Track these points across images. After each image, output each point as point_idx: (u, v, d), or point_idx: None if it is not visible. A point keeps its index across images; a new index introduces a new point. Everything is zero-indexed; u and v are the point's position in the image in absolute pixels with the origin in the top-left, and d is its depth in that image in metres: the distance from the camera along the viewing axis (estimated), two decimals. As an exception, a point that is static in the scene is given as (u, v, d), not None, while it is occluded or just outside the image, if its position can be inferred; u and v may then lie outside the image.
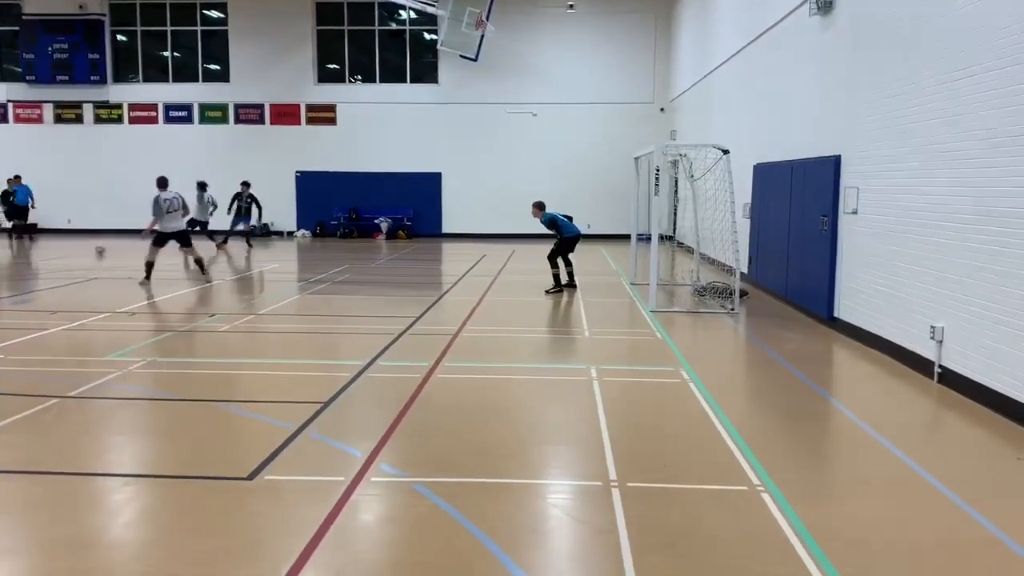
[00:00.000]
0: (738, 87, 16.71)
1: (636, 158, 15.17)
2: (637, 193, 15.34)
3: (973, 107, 7.28)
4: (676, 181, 19.93)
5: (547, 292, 13.69)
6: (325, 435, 6.03)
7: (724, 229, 12.51)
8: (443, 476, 5.22)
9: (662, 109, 26.36)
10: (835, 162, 10.62)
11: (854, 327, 9.99)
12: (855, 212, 10.03)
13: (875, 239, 9.44)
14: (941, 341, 7.73)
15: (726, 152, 11.78)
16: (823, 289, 10.88)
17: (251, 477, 5.14)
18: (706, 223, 13.54)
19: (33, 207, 24.57)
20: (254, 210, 21.63)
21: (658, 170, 11.58)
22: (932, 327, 7.83)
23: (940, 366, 7.76)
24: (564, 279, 14.05)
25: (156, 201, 13.85)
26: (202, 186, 20.41)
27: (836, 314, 10.64)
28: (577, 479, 5.24)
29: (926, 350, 8.04)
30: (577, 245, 14.29)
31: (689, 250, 16.89)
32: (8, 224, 22.75)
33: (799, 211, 12.03)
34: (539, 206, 14.16)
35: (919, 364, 8.18)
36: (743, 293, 12.35)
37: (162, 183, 14.06)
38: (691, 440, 6.04)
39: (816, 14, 11.28)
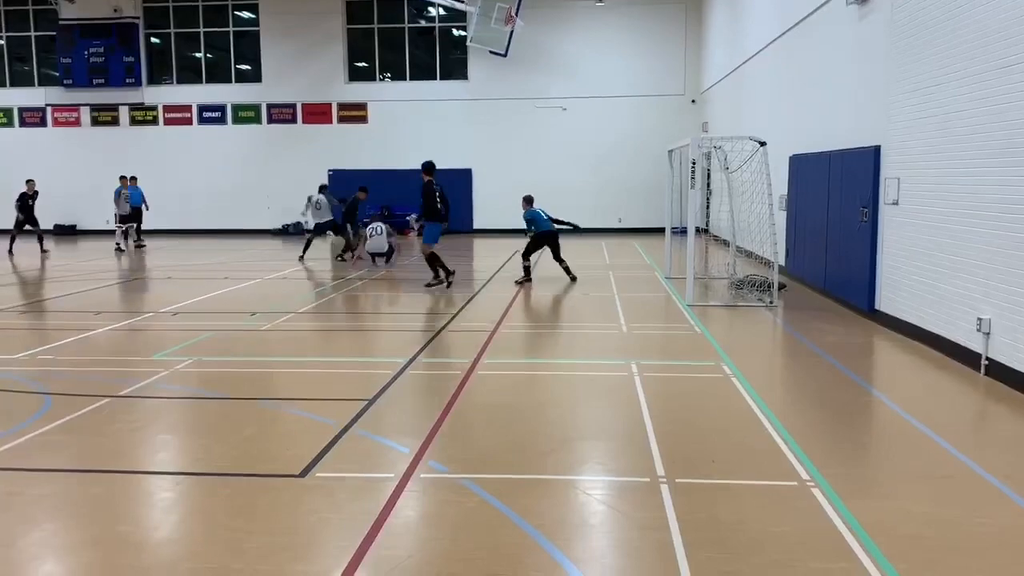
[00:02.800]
0: (772, 77, 16.55)
1: (670, 151, 15.09)
2: (671, 186, 15.26)
3: (1018, 96, 7.16)
4: (708, 173, 19.80)
5: (516, 282, 14.40)
6: (372, 432, 6.10)
7: (761, 221, 12.41)
8: (490, 472, 5.26)
9: (693, 101, 26.18)
10: (875, 152, 10.49)
11: (896, 319, 9.88)
12: (896, 203, 9.90)
13: (917, 230, 9.32)
14: (988, 333, 7.62)
15: (763, 144, 11.68)
16: (864, 281, 10.76)
17: (303, 474, 5.21)
18: (742, 215, 13.44)
19: (147, 209, 24.26)
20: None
21: (693, 163, 11.52)
22: (979, 319, 7.72)
23: (987, 358, 7.66)
24: (573, 275, 14.75)
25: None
26: (322, 189, 19.98)
27: (877, 306, 10.52)
28: (624, 475, 5.25)
29: (972, 342, 7.93)
30: (560, 240, 14.93)
31: (724, 243, 16.79)
32: (122, 225, 22.76)
33: (838, 202, 11.90)
34: (528, 200, 14.96)
35: (965, 356, 8.07)
36: (781, 286, 12.25)
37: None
38: (737, 435, 6.02)
39: (853, 3, 11.15)
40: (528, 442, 5.95)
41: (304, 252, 18.90)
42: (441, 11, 26.83)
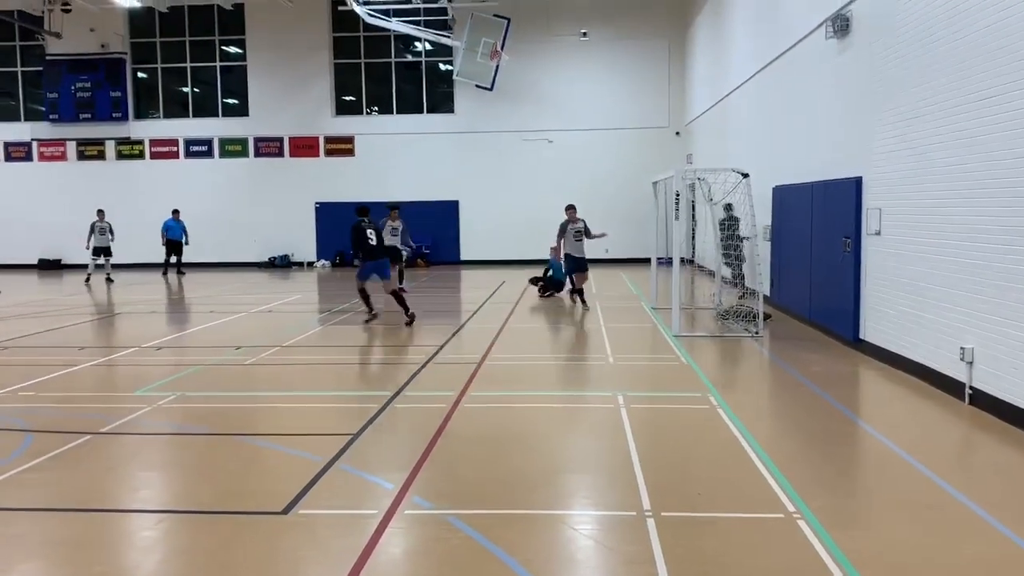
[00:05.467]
0: (755, 110, 16.76)
1: (655, 183, 15.21)
2: (656, 217, 15.36)
3: (996, 127, 7.28)
4: (693, 204, 19.95)
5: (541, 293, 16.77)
6: (356, 467, 6.05)
7: (746, 252, 12.48)
8: (475, 508, 5.22)
9: (677, 133, 26.44)
10: (856, 183, 10.60)
11: (881, 349, 9.92)
12: (879, 233, 9.99)
13: (900, 260, 9.40)
14: (971, 362, 7.66)
15: (746, 175, 11.79)
16: (848, 311, 10.82)
17: (286, 511, 5.16)
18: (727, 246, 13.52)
19: (187, 243, 24.53)
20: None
21: (678, 195, 11.60)
22: (962, 348, 7.77)
23: (971, 387, 7.69)
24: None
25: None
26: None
27: (862, 336, 10.57)
28: (611, 509, 5.22)
29: (956, 371, 7.97)
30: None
31: (709, 273, 16.86)
32: (96, 258, 22.82)
33: (821, 232, 12.00)
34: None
35: (949, 386, 8.11)
36: (767, 316, 12.29)
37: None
38: (724, 467, 6.01)
39: (832, 37, 11.33)
40: (514, 476, 5.91)
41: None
42: (427, 46, 27.09)
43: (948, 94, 8.19)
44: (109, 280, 22.46)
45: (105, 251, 22.97)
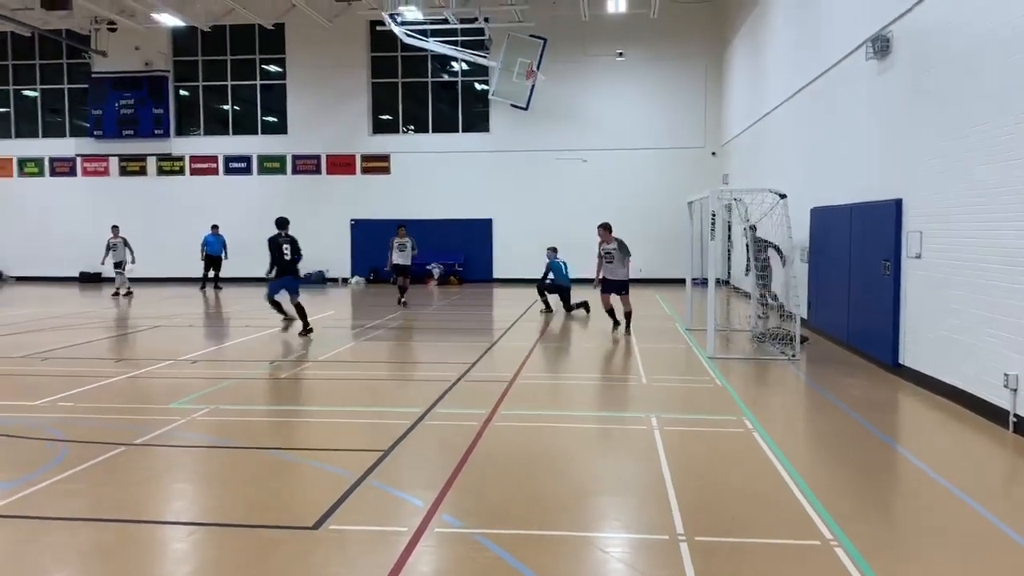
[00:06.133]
0: (792, 131, 16.61)
1: (690, 203, 15.11)
2: (691, 238, 15.24)
3: (1042, 149, 7.13)
4: (729, 225, 19.78)
5: (541, 311, 17.46)
6: (387, 484, 6.03)
7: (784, 273, 12.33)
8: (505, 528, 5.17)
9: (713, 153, 26.30)
10: (896, 206, 10.44)
11: (920, 374, 9.72)
12: (919, 256, 9.82)
13: (942, 284, 9.21)
14: (1016, 389, 7.47)
15: (783, 196, 11.67)
16: (887, 335, 10.63)
17: (316, 526, 5.15)
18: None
19: (226, 258, 24.82)
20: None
21: (714, 215, 11.51)
22: (1006, 375, 7.57)
23: (1016, 415, 7.49)
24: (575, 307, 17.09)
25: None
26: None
27: (901, 360, 10.36)
28: (643, 532, 5.13)
29: (1000, 399, 7.76)
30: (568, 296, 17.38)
31: (744, 294, 16.68)
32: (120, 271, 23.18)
33: (859, 255, 11.82)
34: (553, 250, 16.91)
35: (992, 413, 7.90)
36: (803, 339, 12.11)
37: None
38: (759, 492, 5.89)
39: (873, 58, 11.20)
40: (544, 496, 5.85)
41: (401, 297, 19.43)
42: (464, 66, 27.29)
43: (992, 115, 8.04)
44: (126, 294, 22.53)
45: (118, 265, 23.04)
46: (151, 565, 4.77)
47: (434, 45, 24.46)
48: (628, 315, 14.30)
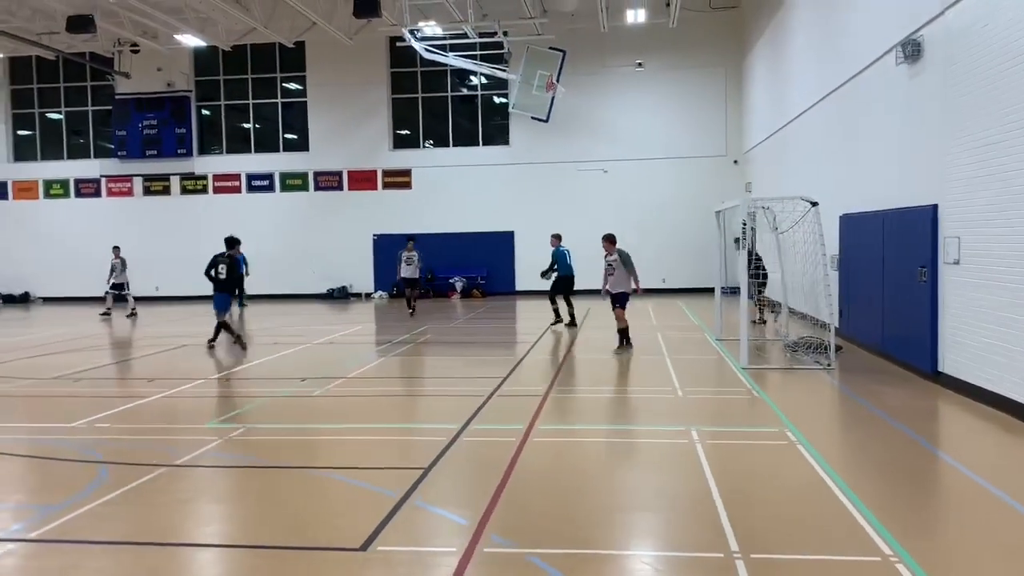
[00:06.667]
0: (818, 138, 16.47)
1: (718, 212, 14.99)
2: (721, 247, 15.10)
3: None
4: (753, 232, 19.63)
5: (551, 324, 16.85)
6: (430, 503, 5.96)
7: (814, 282, 12.19)
8: (556, 547, 5.07)
9: (736, 161, 26.16)
10: (932, 211, 10.29)
11: (962, 381, 9.54)
12: (957, 262, 9.66)
13: (983, 289, 9.05)
14: (1066, 397, 7.30)
15: (814, 204, 11.54)
16: (925, 342, 10.46)
17: (364, 547, 5.08)
18: (795, 277, 13.23)
19: (247, 275, 24.19)
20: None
21: (744, 224, 11.40)
22: (1056, 382, 7.41)
23: (1067, 423, 7.32)
24: (565, 318, 16.83)
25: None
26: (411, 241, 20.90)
27: (940, 368, 10.18)
28: (697, 551, 5.02)
29: (1049, 406, 7.59)
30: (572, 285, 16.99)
31: (773, 304, 16.52)
32: (114, 291, 23.02)
33: (893, 262, 11.67)
34: (556, 237, 16.23)
35: (1042, 421, 7.73)
36: (838, 348, 11.95)
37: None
38: (810, 506, 5.77)
39: (903, 62, 11.08)
40: (592, 513, 5.76)
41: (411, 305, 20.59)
42: (483, 79, 27.35)
43: (1033, 118, 7.91)
44: (106, 314, 22.19)
45: (117, 287, 22.85)
46: (200, 589, 4.73)
47: (454, 60, 24.53)
48: (621, 332, 13.45)
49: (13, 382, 11.64)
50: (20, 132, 30.08)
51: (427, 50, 24.01)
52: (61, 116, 29.84)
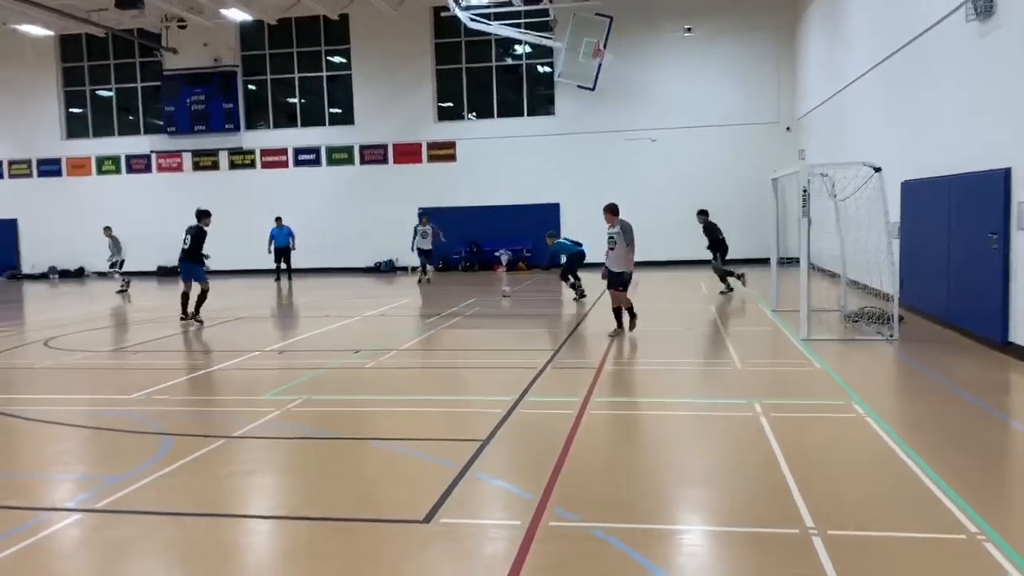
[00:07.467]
0: (878, 101, 15.92)
1: (774, 179, 14.58)
2: (777, 216, 14.71)
3: None
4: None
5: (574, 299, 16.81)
6: (491, 475, 5.88)
7: (877, 251, 11.81)
8: (622, 521, 4.95)
9: (788, 128, 25.52)
10: (1004, 175, 9.85)
11: (1035, 352, 9.18)
12: (1032, 228, 9.25)
13: (1060, 256, 8.65)
14: None
15: (878, 170, 11.14)
16: (995, 312, 10.06)
17: (427, 520, 5.01)
18: (853, 245, 12.84)
19: (293, 248, 25.15)
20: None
21: (805, 191, 11.04)
22: None
23: None
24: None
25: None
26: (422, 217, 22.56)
27: (1011, 338, 9.81)
28: (770, 526, 4.86)
29: None
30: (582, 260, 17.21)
31: (825, 273, 16.12)
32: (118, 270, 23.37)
33: (960, 229, 11.24)
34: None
35: (1126, 393, 7.38)
36: (900, 318, 11.58)
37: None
38: (886, 482, 5.56)
39: (974, 19, 10.59)
40: (656, 487, 5.63)
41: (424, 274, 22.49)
42: (528, 48, 27.00)
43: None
44: (120, 291, 22.35)
45: (114, 265, 22.99)
46: (264, 561, 4.70)
47: (498, 28, 24.24)
48: (616, 312, 12.21)
49: (73, 355, 11.83)
50: (72, 110, 30.53)
51: (471, 19, 23.75)
52: (111, 93, 30.21)
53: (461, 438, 6.89)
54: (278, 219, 25.30)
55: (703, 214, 17.97)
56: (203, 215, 14.90)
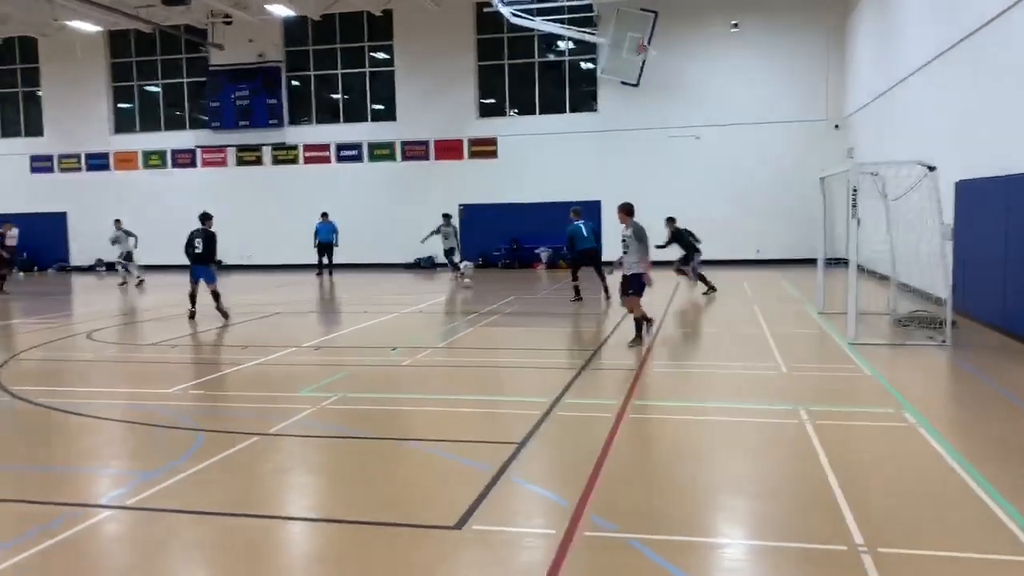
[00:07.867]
0: (933, 98, 15.41)
1: (822, 178, 14.19)
2: (825, 216, 14.29)
3: None
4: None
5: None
6: (527, 480, 5.72)
7: (927, 253, 11.41)
8: (661, 533, 4.76)
9: (836, 126, 24.93)
10: (1067, 175, 9.43)
11: (1099, 362, 8.75)
12: (1097, 231, 8.82)
13: None
14: None
15: (932, 169, 10.74)
16: (1056, 318, 9.64)
17: (459, 526, 4.87)
18: (907, 247, 12.43)
19: (336, 244, 25.38)
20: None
21: (855, 191, 10.69)
22: None
23: None
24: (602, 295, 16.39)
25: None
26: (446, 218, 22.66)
27: (1072, 346, 9.38)
28: (816, 542, 4.63)
29: None
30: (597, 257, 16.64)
31: (874, 275, 15.67)
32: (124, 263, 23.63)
33: (1019, 232, 10.79)
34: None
35: None
36: (953, 323, 11.17)
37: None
38: (939, 496, 5.29)
39: (1036, 12, 10.15)
40: (697, 497, 5.42)
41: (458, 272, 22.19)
42: (571, 44, 26.77)
43: None
44: (138, 284, 22.75)
45: (127, 257, 23.37)
46: (293, 563, 4.60)
47: (541, 24, 24.06)
48: (638, 322, 11.33)
49: (113, 348, 11.93)
50: (120, 105, 31.01)
51: (514, 14, 23.61)
52: (158, 88, 30.62)
53: (496, 440, 6.73)
54: (324, 214, 25.45)
55: (671, 221, 17.65)
56: (207, 218, 15.01)
